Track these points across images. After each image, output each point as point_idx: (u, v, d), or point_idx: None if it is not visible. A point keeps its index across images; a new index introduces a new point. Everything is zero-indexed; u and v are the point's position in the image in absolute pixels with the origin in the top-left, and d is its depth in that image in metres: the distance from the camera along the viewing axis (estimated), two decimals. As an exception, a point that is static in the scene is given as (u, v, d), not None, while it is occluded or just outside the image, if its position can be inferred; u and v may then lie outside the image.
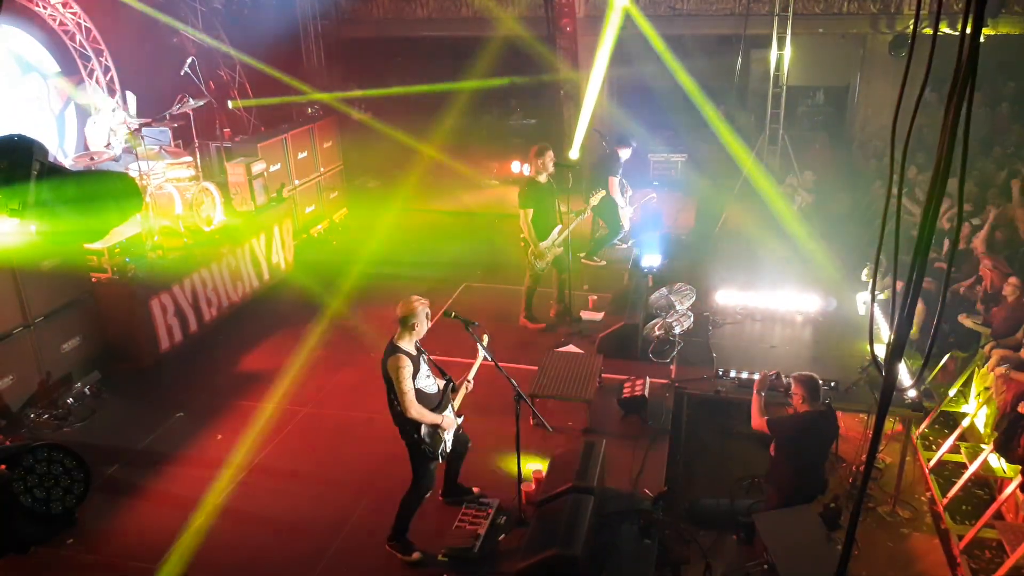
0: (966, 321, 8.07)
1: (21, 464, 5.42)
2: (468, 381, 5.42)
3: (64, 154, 9.50)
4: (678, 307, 8.09)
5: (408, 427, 5.05)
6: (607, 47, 12.33)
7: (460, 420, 5.38)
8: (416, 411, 4.96)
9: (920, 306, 7.51)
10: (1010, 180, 9.99)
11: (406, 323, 5.02)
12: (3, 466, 5.35)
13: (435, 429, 5.12)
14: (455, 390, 5.36)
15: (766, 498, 5.95)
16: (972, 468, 6.55)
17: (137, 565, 5.34)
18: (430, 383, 5.18)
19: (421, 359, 5.13)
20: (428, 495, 5.33)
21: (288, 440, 6.78)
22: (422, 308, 5.05)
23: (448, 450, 5.29)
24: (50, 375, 7.14)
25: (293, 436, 6.84)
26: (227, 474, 6.30)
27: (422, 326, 5.08)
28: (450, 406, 5.27)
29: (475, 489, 5.89)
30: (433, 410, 5.10)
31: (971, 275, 8.67)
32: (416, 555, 5.29)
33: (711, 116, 12.53)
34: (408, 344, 5.05)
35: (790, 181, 12.27)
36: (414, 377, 4.99)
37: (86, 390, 7.36)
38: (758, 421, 5.72)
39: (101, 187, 3.24)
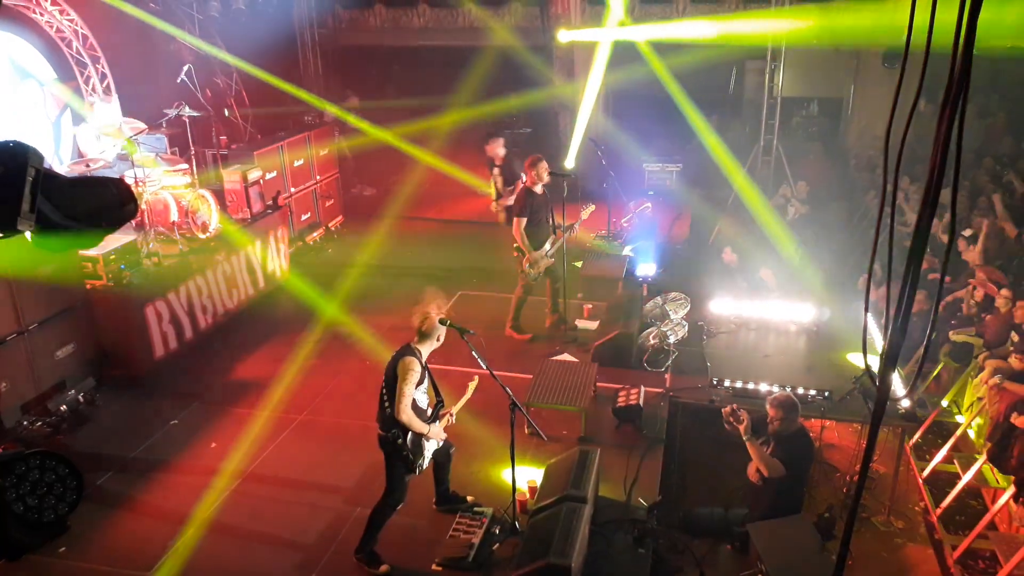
0: (957, 336, 8.10)
1: (14, 471, 5.39)
2: (451, 415, 5.44)
3: (60, 161, 9.48)
4: (672, 316, 8.10)
5: (394, 431, 5.06)
6: (602, 60, 12.42)
7: (439, 444, 5.39)
8: (407, 415, 4.99)
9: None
10: (1000, 191, 10.05)
11: (427, 335, 5.14)
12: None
13: (420, 439, 5.14)
14: (439, 417, 5.37)
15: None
16: (965, 478, 6.56)
17: (130, 573, 5.31)
18: (424, 399, 5.21)
19: (426, 372, 5.18)
20: (399, 507, 5.32)
21: (282, 448, 6.76)
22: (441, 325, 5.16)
23: (425, 466, 5.32)
24: (43, 382, 7.11)
25: (287, 444, 6.83)
26: (221, 482, 6.28)
27: (442, 336, 5.21)
28: (436, 424, 5.30)
29: (469, 498, 5.89)
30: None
31: (966, 285, 8.71)
32: (384, 568, 5.27)
33: (700, 127, 12.58)
34: (424, 353, 5.15)
35: (783, 192, 12.33)
36: (416, 386, 5.04)
37: (80, 397, 7.33)
38: (774, 467, 5.47)
39: (96, 194, 3.23)
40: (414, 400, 5.06)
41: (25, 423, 6.87)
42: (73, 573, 5.33)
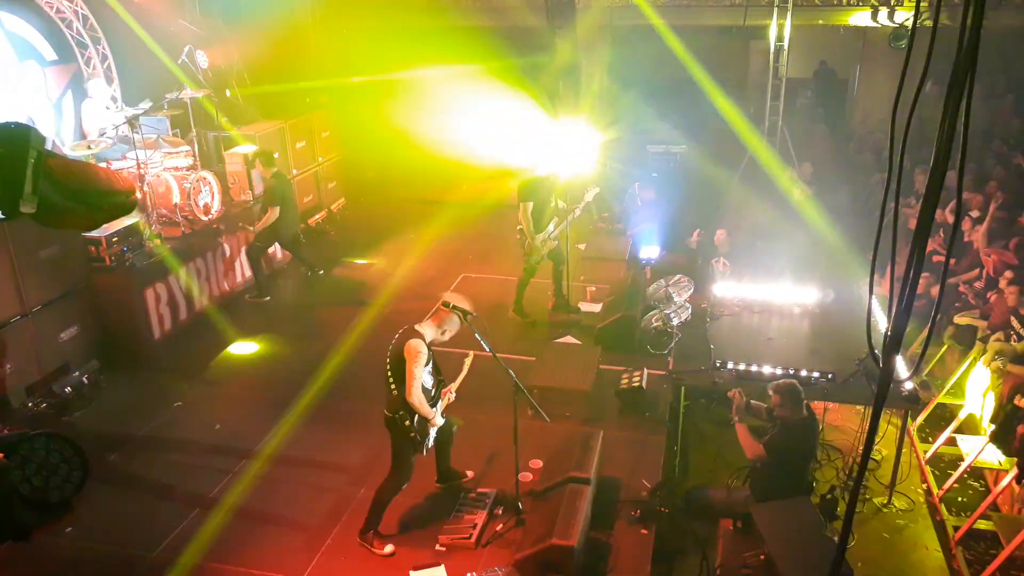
0: (962, 319, 8.08)
1: (19, 452, 5.41)
2: (452, 393, 5.46)
3: (61, 142, 9.45)
4: (676, 299, 8.10)
5: (402, 412, 5.08)
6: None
7: (442, 422, 5.40)
8: (417, 397, 5.01)
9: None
10: (1008, 173, 10.00)
11: (440, 322, 5.17)
12: (1, 455, 5.35)
13: (425, 421, 5.17)
14: (442, 395, 5.39)
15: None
16: (968, 460, 6.58)
17: (135, 553, 5.35)
18: (428, 380, 5.23)
19: (431, 354, 5.19)
20: (404, 487, 5.35)
21: (287, 429, 6.78)
22: (456, 319, 5.18)
23: (430, 446, 5.35)
24: (48, 364, 7.14)
25: (291, 425, 6.84)
26: (225, 463, 6.31)
27: (450, 332, 5.23)
28: (439, 406, 5.32)
29: (469, 473, 5.94)
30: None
31: (971, 268, 8.68)
32: (388, 548, 5.30)
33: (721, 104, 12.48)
34: (430, 336, 5.16)
35: (789, 174, 12.22)
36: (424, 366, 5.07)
37: (84, 379, 7.35)
38: (754, 449, 5.54)
39: (94, 180, 3.22)
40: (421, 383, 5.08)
41: (30, 404, 6.90)
42: (80, 553, 5.37)
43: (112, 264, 7.65)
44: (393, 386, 5.09)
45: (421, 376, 5.03)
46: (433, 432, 5.31)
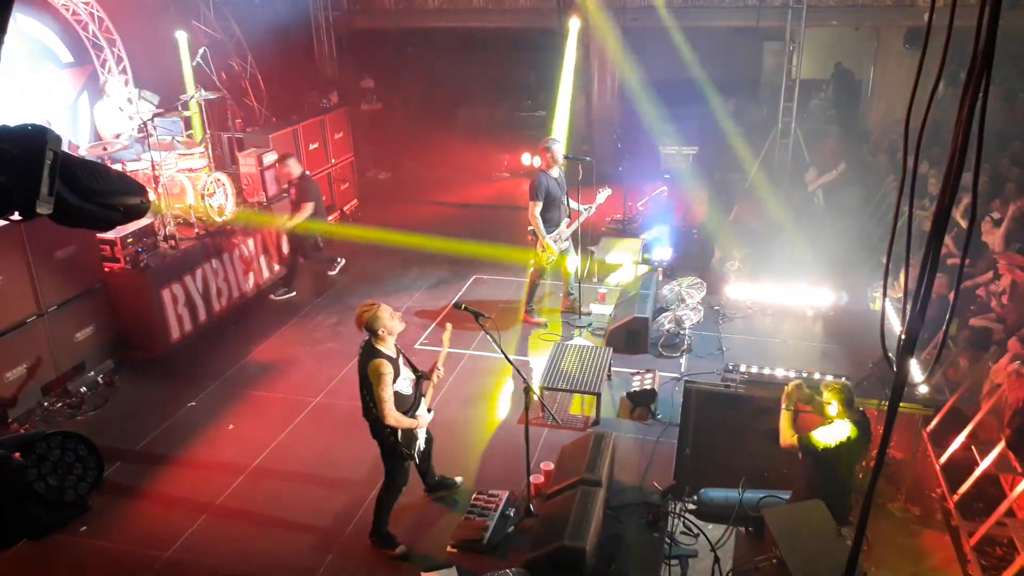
0: (979, 322, 8.01)
1: (35, 451, 5.45)
2: (438, 369, 5.30)
3: (77, 143, 9.53)
4: (688, 301, 8.08)
5: (386, 431, 5.03)
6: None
7: (431, 416, 5.31)
8: (394, 419, 4.92)
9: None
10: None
11: (373, 330, 4.92)
12: (17, 453, 5.39)
13: (410, 431, 5.12)
14: (426, 379, 5.29)
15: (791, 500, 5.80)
16: (983, 465, 6.51)
17: (149, 552, 5.39)
18: (406, 384, 5.10)
19: (400, 360, 5.07)
20: (404, 488, 5.33)
21: (299, 430, 6.81)
22: (380, 312, 4.91)
23: (422, 447, 5.29)
24: (63, 364, 7.20)
25: (304, 426, 6.88)
26: (238, 464, 6.34)
27: (393, 325, 4.96)
28: (422, 402, 5.24)
29: (458, 479, 5.90)
30: (408, 411, 5.07)
31: (986, 270, 8.60)
32: (400, 549, 5.28)
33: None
34: (387, 347, 4.99)
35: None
36: (394, 381, 4.93)
37: (99, 379, 7.42)
38: (786, 439, 5.47)
39: (110, 182, 3.24)
40: (398, 392, 4.98)
41: (45, 404, 6.97)
42: (94, 552, 5.42)
43: (127, 264, 7.71)
44: (372, 406, 4.98)
45: (391, 396, 4.88)
46: (422, 435, 5.24)
